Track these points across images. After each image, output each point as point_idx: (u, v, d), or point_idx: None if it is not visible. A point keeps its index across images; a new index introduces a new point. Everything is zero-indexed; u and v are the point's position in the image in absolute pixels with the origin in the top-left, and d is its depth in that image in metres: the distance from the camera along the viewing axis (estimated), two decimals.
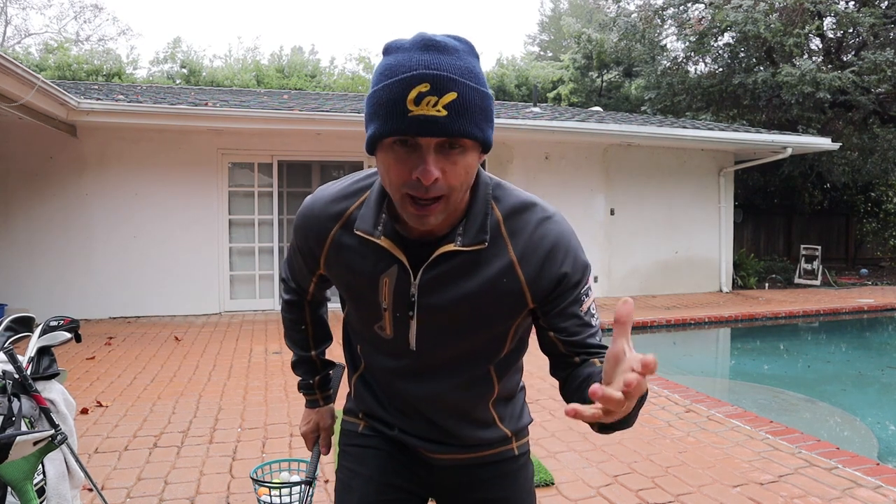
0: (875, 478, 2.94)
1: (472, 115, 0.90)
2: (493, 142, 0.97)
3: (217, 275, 8.03)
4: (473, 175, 0.98)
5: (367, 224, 1.05)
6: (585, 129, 8.67)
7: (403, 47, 0.92)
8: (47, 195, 7.49)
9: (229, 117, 7.27)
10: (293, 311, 1.38)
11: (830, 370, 6.33)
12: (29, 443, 1.64)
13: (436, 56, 0.89)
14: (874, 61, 10.98)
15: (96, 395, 4.37)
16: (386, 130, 0.91)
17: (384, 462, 1.22)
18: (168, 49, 16.57)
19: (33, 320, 2.15)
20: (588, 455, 3.29)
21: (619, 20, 14.60)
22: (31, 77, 5.26)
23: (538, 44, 28.15)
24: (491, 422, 1.20)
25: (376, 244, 1.04)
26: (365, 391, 1.24)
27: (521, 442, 1.26)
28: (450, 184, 0.93)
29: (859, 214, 14.56)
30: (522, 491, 1.24)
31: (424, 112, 0.88)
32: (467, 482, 1.22)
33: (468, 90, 0.90)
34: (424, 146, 0.90)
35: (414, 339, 1.10)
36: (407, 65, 0.89)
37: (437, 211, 0.95)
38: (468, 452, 1.20)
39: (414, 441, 1.20)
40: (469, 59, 0.92)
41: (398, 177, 0.94)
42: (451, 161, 0.92)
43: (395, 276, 1.06)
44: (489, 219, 1.03)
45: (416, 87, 0.88)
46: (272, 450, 3.35)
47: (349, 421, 1.30)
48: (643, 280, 9.74)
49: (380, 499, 1.20)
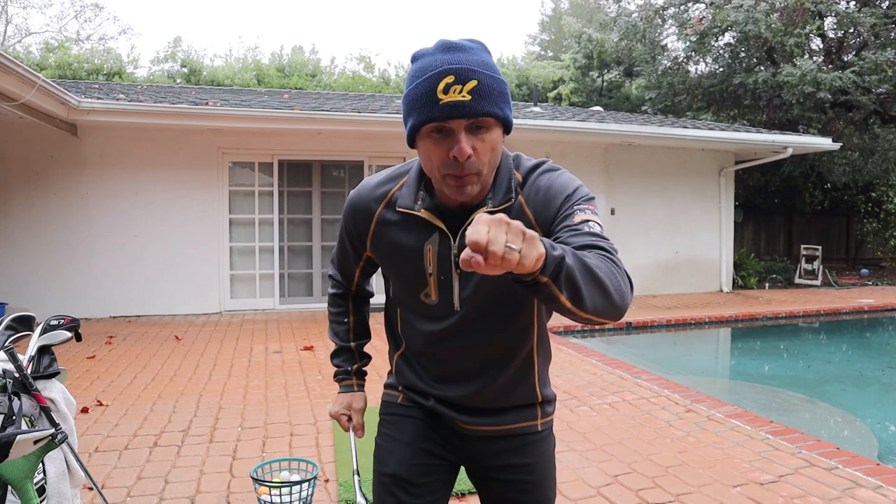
0: (875, 478, 2.94)
1: (492, 98, 1.08)
2: (513, 122, 1.15)
3: (217, 274, 8.03)
4: (500, 152, 1.16)
5: (408, 200, 1.22)
6: (586, 129, 8.67)
7: (428, 52, 1.11)
8: (48, 194, 7.49)
9: (230, 116, 7.27)
10: (338, 304, 1.54)
11: (831, 370, 6.32)
12: (29, 441, 1.64)
13: (456, 54, 1.07)
14: (875, 61, 10.97)
15: (97, 394, 4.37)
16: (423, 119, 1.08)
17: (421, 430, 1.35)
18: (168, 48, 16.56)
19: (33, 319, 2.15)
20: (588, 455, 3.29)
21: (620, 20, 14.60)
22: (31, 76, 5.27)
23: (539, 43, 28.12)
24: (530, 379, 1.32)
25: (417, 217, 1.21)
26: (405, 366, 1.38)
27: (545, 420, 1.37)
28: (481, 159, 1.10)
29: (860, 214, 14.56)
30: (545, 458, 1.36)
31: (453, 98, 1.05)
32: (496, 450, 1.34)
33: (486, 78, 1.07)
34: (456, 128, 1.07)
35: (457, 300, 1.22)
36: (433, 64, 1.07)
37: (473, 182, 1.11)
38: (497, 424, 1.32)
39: (447, 411, 1.32)
40: (483, 55, 1.10)
41: (438, 159, 1.10)
42: (479, 139, 1.09)
43: (438, 242, 1.20)
44: (512, 182, 1.20)
45: (444, 79, 1.06)
46: (272, 449, 3.35)
47: (389, 394, 1.43)
48: (644, 280, 9.73)
49: (416, 462, 1.33)
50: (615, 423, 3.80)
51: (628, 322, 7.45)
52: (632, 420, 3.86)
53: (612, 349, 6.50)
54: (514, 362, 1.29)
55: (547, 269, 0.87)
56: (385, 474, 1.34)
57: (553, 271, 0.88)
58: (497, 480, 1.34)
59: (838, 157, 11.94)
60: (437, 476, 1.35)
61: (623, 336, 7.40)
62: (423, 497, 1.32)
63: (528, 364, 1.31)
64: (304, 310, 8.35)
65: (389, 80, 17.23)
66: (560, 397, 4.31)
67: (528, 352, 1.30)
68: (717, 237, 10.26)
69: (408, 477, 1.31)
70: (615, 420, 3.86)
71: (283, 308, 8.36)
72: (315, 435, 3.58)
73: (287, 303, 8.44)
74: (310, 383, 4.71)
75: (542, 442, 1.36)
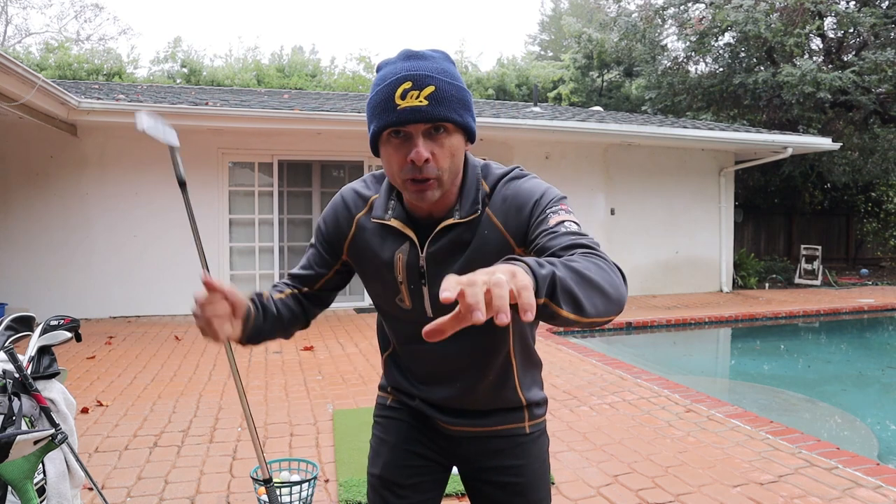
0: (875, 478, 2.94)
1: (450, 104, 1.09)
2: (475, 130, 1.15)
3: (217, 274, 8.02)
4: (460, 158, 1.16)
5: (380, 210, 1.24)
6: (586, 129, 8.67)
7: (391, 61, 1.13)
8: (48, 194, 7.49)
9: (230, 117, 7.27)
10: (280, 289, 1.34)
11: (831, 370, 6.32)
12: (29, 442, 1.64)
13: (415, 62, 1.10)
14: (875, 61, 10.97)
15: (96, 394, 4.37)
16: (381, 125, 1.10)
17: (408, 432, 1.36)
18: (168, 48, 16.55)
19: (33, 319, 2.15)
20: (588, 455, 3.29)
21: (620, 20, 14.59)
22: (31, 76, 5.26)
23: (538, 43, 28.12)
24: (510, 383, 1.31)
25: (389, 226, 1.22)
26: (393, 366, 1.40)
27: (534, 422, 1.36)
28: (440, 165, 1.11)
29: (860, 214, 14.55)
30: (536, 460, 1.35)
31: (410, 104, 1.07)
32: (484, 450, 1.34)
33: (444, 84, 1.09)
34: (414, 133, 1.09)
35: (430, 307, 1.23)
36: (393, 72, 1.10)
37: (432, 187, 1.12)
38: (482, 426, 1.32)
39: (432, 412, 1.33)
40: (444, 63, 1.12)
41: (397, 164, 1.11)
42: (438, 144, 1.10)
43: (407, 251, 1.21)
44: (480, 193, 1.20)
45: (401, 85, 1.07)
46: (272, 449, 3.35)
47: (380, 395, 1.45)
48: (643, 280, 9.73)
49: (403, 464, 1.34)
50: (615, 423, 3.80)
51: (628, 322, 7.45)
52: (632, 420, 3.86)
53: (612, 349, 6.50)
54: (491, 367, 1.28)
55: (540, 290, 0.84)
56: (375, 476, 1.36)
57: (548, 291, 0.85)
58: (487, 483, 1.34)
59: (838, 157, 11.94)
60: (425, 477, 1.35)
61: (623, 336, 7.40)
62: (410, 498, 1.33)
63: (507, 369, 1.30)
64: None
65: None
66: (560, 397, 4.31)
67: (504, 357, 1.29)
68: (717, 237, 10.26)
69: (394, 478, 1.33)
70: (615, 420, 3.86)
71: None
72: (315, 435, 3.58)
73: None
74: (310, 383, 4.71)
75: (533, 443, 1.35)
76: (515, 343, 1.29)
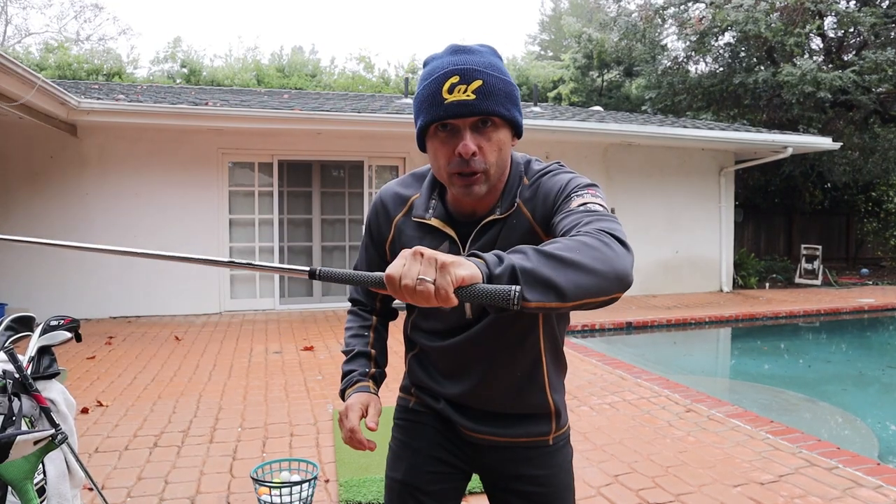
0: (875, 477, 2.94)
1: (497, 98, 1.09)
2: (522, 125, 1.16)
3: (217, 274, 8.02)
4: (507, 152, 1.16)
5: (420, 210, 1.25)
6: (586, 129, 8.67)
7: (438, 56, 1.13)
8: (48, 194, 7.49)
9: (230, 117, 7.27)
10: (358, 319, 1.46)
11: (831, 370, 6.32)
12: (29, 442, 1.64)
13: (463, 56, 1.10)
14: (875, 61, 10.97)
15: (97, 394, 4.37)
16: (429, 119, 1.11)
17: (432, 437, 1.34)
18: (168, 48, 16.53)
19: (33, 320, 2.14)
20: (588, 455, 3.29)
21: (620, 20, 14.58)
22: (31, 77, 5.26)
23: (538, 43, 28.10)
24: (539, 381, 1.28)
25: (430, 225, 1.23)
26: (417, 366, 1.38)
27: (559, 433, 1.34)
28: (487, 159, 1.11)
29: (860, 214, 14.54)
30: (560, 470, 1.33)
31: (457, 98, 1.07)
32: (508, 459, 1.31)
33: (492, 78, 1.09)
34: (461, 126, 1.09)
35: (469, 308, 1.22)
36: (440, 66, 1.10)
37: (479, 181, 1.12)
38: (505, 436, 1.29)
39: (456, 416, 1.30)
40: (491, 58, 1.13)
41: (444, 157, 1.12)
42: (485, 137, 1.11)
43: (448, 250, 1.20)
44: (519, 189, 1.20)
45: (449, 79, 1.08)
46: (272, 449, 3.35)
47: (402, 397, 1.43)
48: (644, 280, 9.72)
49: (426, 469, 1.32)
50: (615, 423, 3.80)
51: (628, 322, 7.45)
52: (632, 420, 3.86)
53: (612, 349, 6.50)
54: (518, 361, 1.26)
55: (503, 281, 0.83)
56: (395, 480, 1.33)
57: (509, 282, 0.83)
58: (512, 492, 1.31)
59: (838, 156, 11.93)
60: (447, 484, 1.33)
61: (623, 336, 7.40)
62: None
63: (537, 366, 1.28)
64: (304, 310, 8.35)
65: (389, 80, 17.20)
66: None
67: (533, 354, 1.27)
68: (717, 237, 10.26)
69: (417, 484, 1.31)
70: (615, 420, 3.86)
71: (283, 308, 8.36)
72: (315, 435, 3.58)
73: (287, 303, 8.43)
74: (310, 384, 4.71)
75: (558, 453, 1.33)
76: (546, 341, 1.28)
